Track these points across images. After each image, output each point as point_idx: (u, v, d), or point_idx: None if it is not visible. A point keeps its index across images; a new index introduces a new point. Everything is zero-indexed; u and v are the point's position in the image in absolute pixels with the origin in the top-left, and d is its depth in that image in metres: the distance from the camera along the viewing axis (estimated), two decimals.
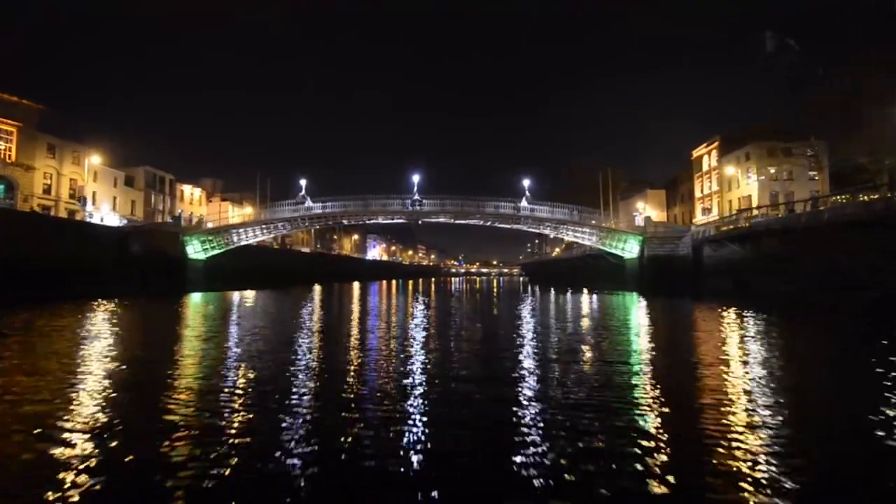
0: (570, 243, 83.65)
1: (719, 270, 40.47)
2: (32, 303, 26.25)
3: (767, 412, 7.65)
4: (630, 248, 46.24)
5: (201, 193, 73.46)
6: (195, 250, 45.82)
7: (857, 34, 47.95)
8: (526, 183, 46.56)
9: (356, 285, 69.33)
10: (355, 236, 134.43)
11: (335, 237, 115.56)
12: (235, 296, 38.88)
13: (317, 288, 58.07)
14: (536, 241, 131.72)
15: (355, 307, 29.87)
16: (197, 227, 48.11)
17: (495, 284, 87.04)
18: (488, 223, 48.84)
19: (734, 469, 5.52)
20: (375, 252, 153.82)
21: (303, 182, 46.65)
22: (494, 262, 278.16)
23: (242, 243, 48.97)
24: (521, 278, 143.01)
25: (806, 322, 22.38)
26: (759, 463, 5.67)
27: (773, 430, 6.80)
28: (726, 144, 59.27)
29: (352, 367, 11.59)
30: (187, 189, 70.49)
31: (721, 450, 6.07)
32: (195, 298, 35.91)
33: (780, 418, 7.36)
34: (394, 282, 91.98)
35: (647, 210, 71.87)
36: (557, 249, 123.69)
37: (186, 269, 45.07)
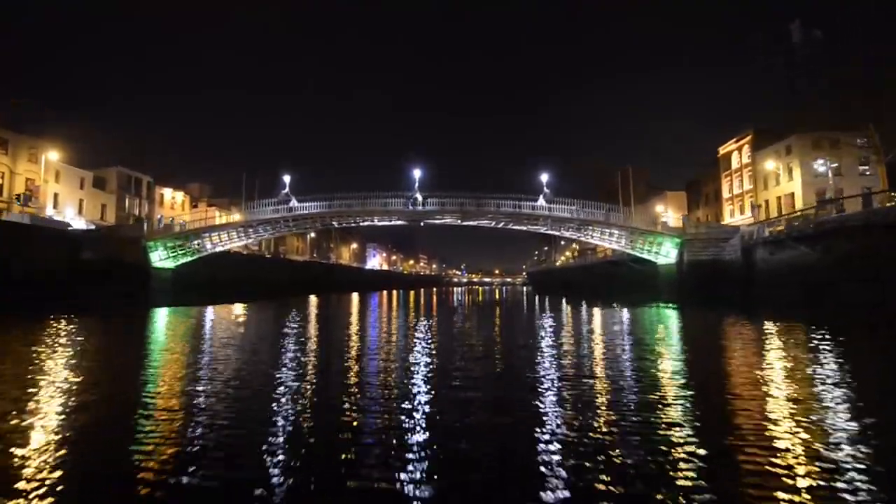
0: (583, 249, 76.58)
1: (779, 277, 33.29)
2: None
3: None
4: (666, 252, 39.07)
5: (184, 197, 66.44)
6: (161, 258, 38.57)
7: (858, 34, 45.05)
8: (544, 178, 39.54)
9: (355, 297, 61.87)
10: (354, 245, 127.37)
11: (332, 245, 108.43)
12: (209, 311, 31.59)
13: (312, 300, 50.88)
14: (545, 249, 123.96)
15: (353, 332, 22.50)
16: (164, 230, 40.88)
17: (498, 296, 78.69)
18: (500, 224, 41.63)
19: None
20: (375, 261, 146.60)
21: (286, 178, 39.53)
22: (496, 272, 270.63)
23: (217, 249, 41.72)
24: (525, 288, 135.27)
25: None
26: None
27: None
28: (761, 138, 52.45)
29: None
30: (168, 192, 63.56)
31: None
32: (158, 315, 28.72)
33: None
34: (395, 293, 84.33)
35: (667, 213, 64.85)
36: (563, 257, 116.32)
37: (150, 280, 37.84)
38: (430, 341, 17.70)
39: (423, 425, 7.33)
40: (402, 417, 7.76)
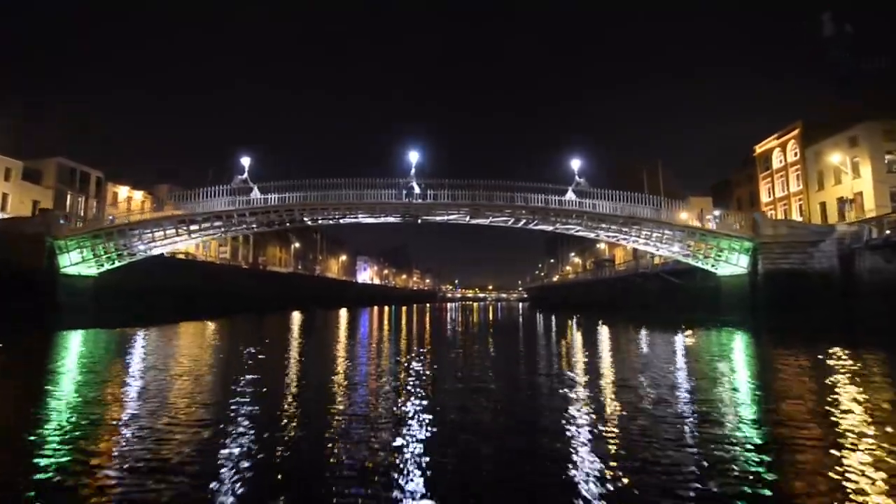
0: (600, 260, 67.16)
1: None
2: None
3: None
4: (733, 261, 29.65)
5: (145, 197, 55.81)
6: (75, 261, 28.28)
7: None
8: (575, 164, 30.09)
9: (343, 313, 51.82)
10: (343, 257, 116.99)
11: (320, 257, 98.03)
12: (140, 336, 21.23)
13: (295, 317, 41.09)
14: (551, 261, 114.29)
15: (338, 368, 12.88)
16: (83, 228, 30.57)
17: (495, 314, 67.53)
18: (520, 223, 31.93)
19: None
20: (366, 275, 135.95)
21: (245, 161, 29.62)
22: (490, 287, 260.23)
23: (153, 251, 31.57)
24: (521, 304, 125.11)
25: None
26: None
27: None
28: (811, 131, 43.76)
29: None
30: (123, 191, 53.20)
31: None
32: (59, 342, 18.72)
33: None
34: (387, 309, 73.88)
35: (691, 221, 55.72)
36: (564, 270, 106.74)
37: (57, 291, 27.50)
38: (429, 403, 7.99)
39: None
40: None
